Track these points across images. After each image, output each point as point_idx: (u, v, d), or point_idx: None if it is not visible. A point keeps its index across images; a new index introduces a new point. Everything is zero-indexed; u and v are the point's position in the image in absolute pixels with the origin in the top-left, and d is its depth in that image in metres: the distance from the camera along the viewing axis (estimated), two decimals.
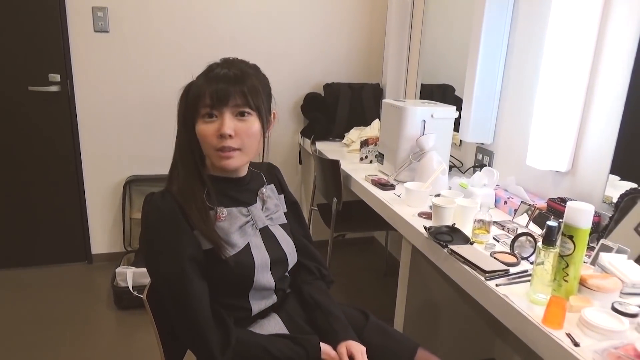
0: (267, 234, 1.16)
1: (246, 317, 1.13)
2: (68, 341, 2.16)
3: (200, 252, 1.04)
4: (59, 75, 2.59)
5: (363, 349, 1.12)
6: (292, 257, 1.20)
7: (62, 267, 2.84)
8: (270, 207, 1.20)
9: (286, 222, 1.24)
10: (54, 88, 2.59)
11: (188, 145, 1.08)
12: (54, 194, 2.76)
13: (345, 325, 1.17)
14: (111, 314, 2.39)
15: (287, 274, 1.23)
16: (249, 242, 1.11)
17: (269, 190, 1.22)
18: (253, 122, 1.05)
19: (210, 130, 1.03)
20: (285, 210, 1.27)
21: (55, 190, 2.75)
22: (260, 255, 1.11)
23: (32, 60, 2.54)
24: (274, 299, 1.18)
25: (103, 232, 2.90)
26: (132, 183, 2.81)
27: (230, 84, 1.02)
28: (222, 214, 1.09)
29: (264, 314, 1.17)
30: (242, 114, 1.04)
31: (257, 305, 1.14)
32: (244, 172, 1.17)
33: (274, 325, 1.16)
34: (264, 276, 1.11)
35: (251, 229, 1.13)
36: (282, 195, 1.28)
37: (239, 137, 1.04)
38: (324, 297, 1.22)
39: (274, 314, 1.19)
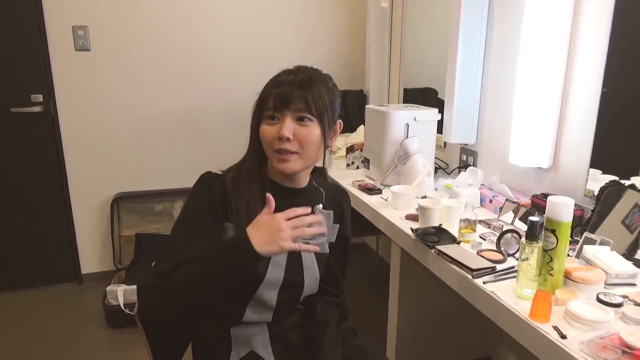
0: (294, 255, 1.11)
1: (235, 319, 1.11)
2: None
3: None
4: (41, 96, 2.57)
5: None
6: (310, 288, 1.15)
7: (51, 289, 2.80)
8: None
9: (325, 252, 1.19)
10: (36, 108, 2.58)
11: (255, 146, 1.11)
12: (40, 215, 2.73)
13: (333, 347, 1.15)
14: (103, 333, 2.37)
15: (299, 306, 1.19)
16: (271, 256, 1.05)
17: (324, 216, 1.17)
18: (313, 128, 1.06)
19: (271, 132, 1.05)
20: (332, 241, 1.22)
21: (42, 211, 2.73)
22: (275, 273, 1.08)
23: (14, 81, 2.53)
24: (268, 317, 1.13)
25: (92, 251, 2.87)
26: (119, 200, 2.80)
27: (294, 89, 1.04)
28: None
29: (255, 324, 1.13)
30: (302, 119, 1.05)
31: (250, 315, 1.11)
32: (304, 183, 1.15)
33: (258, 336, 1.12)
34: (269, 293, 1.09)
35: None
36: (338, 225, 1.23)
37: (297, 141, 1.05)
38: (333, 318, 1.20)
39: (264, 325, 1.13)
